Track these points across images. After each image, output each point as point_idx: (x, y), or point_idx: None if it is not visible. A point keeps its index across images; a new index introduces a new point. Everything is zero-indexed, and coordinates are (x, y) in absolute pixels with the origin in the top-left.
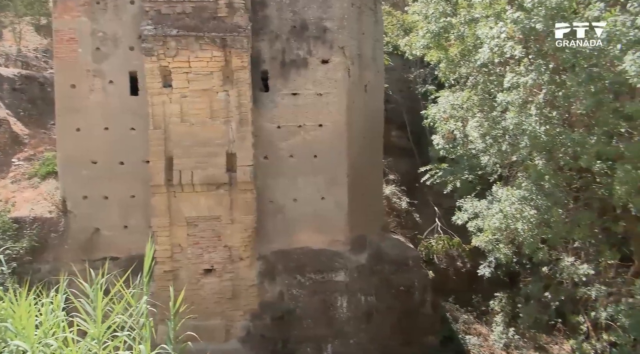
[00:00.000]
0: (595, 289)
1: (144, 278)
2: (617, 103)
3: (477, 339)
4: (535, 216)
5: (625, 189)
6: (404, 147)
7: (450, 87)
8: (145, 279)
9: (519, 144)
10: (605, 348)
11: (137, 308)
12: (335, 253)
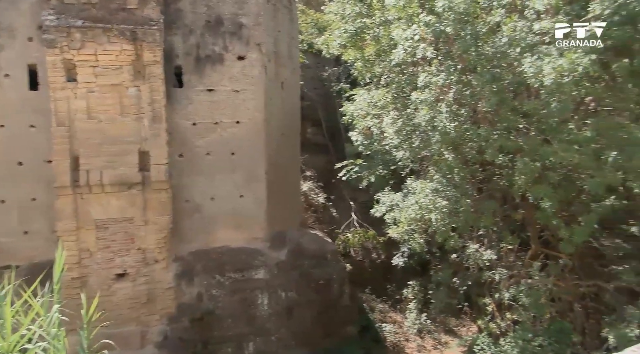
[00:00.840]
0: (498, 272)
1: (54, 285)
2: (516, 101)
3: (393, 326)
4: (446, 206)
5: (523, 180)
6: (319, 143)
7: (365, 85)
8: (56, 287)
9: (431, 139)
10: (509, 326)
11: (47, 318)
12: (255, 251)
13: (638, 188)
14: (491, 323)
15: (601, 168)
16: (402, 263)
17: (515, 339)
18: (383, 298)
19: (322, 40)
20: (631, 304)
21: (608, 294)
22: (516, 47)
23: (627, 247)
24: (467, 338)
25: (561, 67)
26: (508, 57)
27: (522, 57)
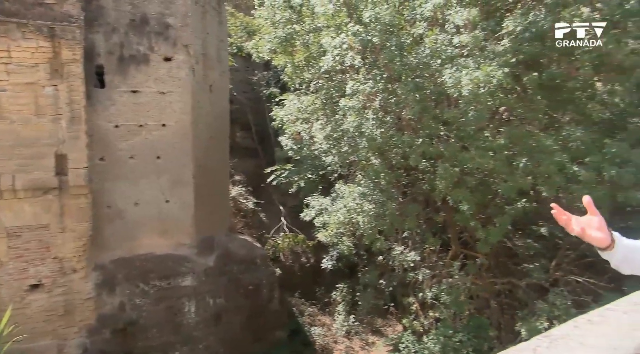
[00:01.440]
0: (422, 273)
1: None
2: (437, 110)
3: (322, 329)
4: (373, 210)
5: (444, 184)
6: (249, 147)
7: (295, 90)
8: None
9: (358, 145)
10: (431, 324)
11: None
12: (181, 257)
13: (546, 192)
14: (415, 321)
15: (513, 173)
16: (331, 266)
17: (437, 336)
18: (312, 302)
19: (251, 44)
20: (541, 299)
21: (520, 291)
22: (437, 58)
23: (537, 247)
24: (392, 336)
25: (477, 79)
26: (430, 68)
27: (442, 69)
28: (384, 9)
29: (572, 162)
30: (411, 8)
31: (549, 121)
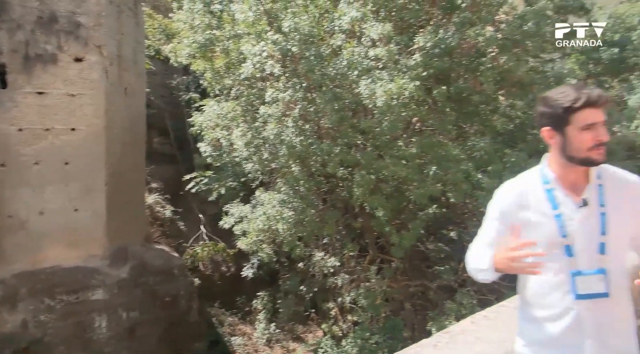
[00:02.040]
0: (341, 278)
1: None
2: (355, 119)
3: (242, 339)
4: (293, 217)
5: (361, 191)
6: (167, 154)
7: (215, 96)
8: None
9: (279, 152)
10: (350, 328)
11: None
12: (92, 269)
13: (454, 198)
14: (334, 326)
15: (424, 181)
16: (252, 275)
17: (355, 339)
18: (233, 311)
19: (169, 48)
20: (449, 299)
21: (432, 292)
22: (354, 70)
23: (447, 250)
24: (311, 342)
25: (391, 91)
26: (347, 79)
27: (359, 80)
28: (303, 20)
29: (477, 171)
30: (330, 20)
31: (457, 132)
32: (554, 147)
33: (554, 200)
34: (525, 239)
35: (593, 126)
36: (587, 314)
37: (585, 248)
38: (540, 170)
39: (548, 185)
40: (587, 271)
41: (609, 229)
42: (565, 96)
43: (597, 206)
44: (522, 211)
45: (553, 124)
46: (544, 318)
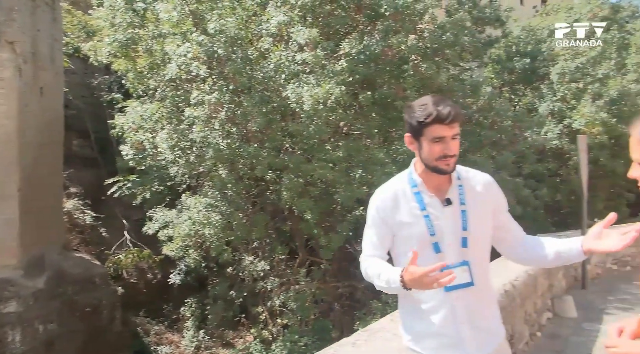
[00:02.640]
0: (270, 281)
1: None
2: (283, 123)
3: (169, 347)
4: (220, 221)
5: (289, 194)
6: (87, 157)
7: (139, 97)
8: None
9: (205, 155)
10: (279, 331)
11: None
12: (4, 280)
13: None
14: (264, 330)
15: (351, 183)
16: (179, 281)
17: (284, 342)
18: (160, 319)
19: (89, 46)
20: (376, 299)
21: (359, 292)
22: (281, 73)
23: None
24: (240, 347)
25: (317, 95)
26: (275, 83)
27: (286, 83)
28: (229, 22)
29: None
30: (258, 23)
31: (383, 136)
32: (415, 153)
33: (422, 201)
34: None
35: (442, 140)
36: (459, 303)
37: (450, 243)
38: (409, 174)
39: (416, 188)
40: (453, 265)
41: (469, 225)
42: (421, 110)
43: (458, 205)
44: (396, 214)
45: (412, 132)
46: (423, 311)
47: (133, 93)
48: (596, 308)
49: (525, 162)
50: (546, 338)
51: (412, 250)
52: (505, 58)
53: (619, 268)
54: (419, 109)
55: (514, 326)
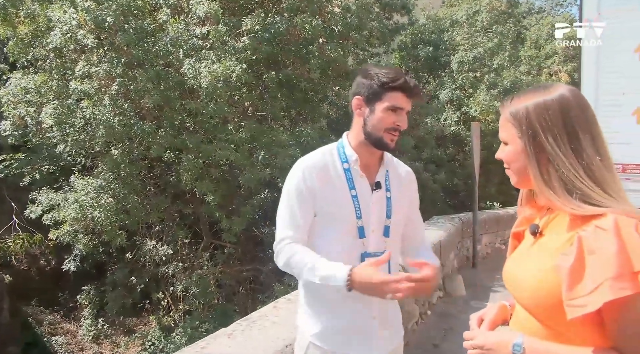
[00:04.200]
0: (173, 266)
1: None
2: (182, 101)
3: (65, 337)
4: (112, 204)
5: (189, 176)
6: None
7: (23, 68)
8: None
9: (95, 133)
10: (181, 317)
11: None
12: None
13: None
14: (167, 316)
15: (254, 165)
16: (75, 268)
17: (184, 328)
18: (54, 308)
19: None
20: (278, 282)
21: (263, 275)
22: (179, 48)
23: None
24: (137, 335)
25: (216, 73)
26: (172, 57)
27: (184, 59)
28: None
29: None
30: None
31: (287, 118)
32: (356, 121)
33: (351, 180)
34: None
35: (398, 111)
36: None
37: (374, 230)
38: (339, 148)
39: (347, 164)
40: (374, 253)
41: (392, 213)
42: (386, 73)
43: (384, 191)
44: (325, 187)
45: (366, 95)
46: (334, 305)
47: (17, 63)
48: (484, 286)
49: (425, 147)
50: (436, 316)
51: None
52: (411, 45)
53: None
54: (384, 71)
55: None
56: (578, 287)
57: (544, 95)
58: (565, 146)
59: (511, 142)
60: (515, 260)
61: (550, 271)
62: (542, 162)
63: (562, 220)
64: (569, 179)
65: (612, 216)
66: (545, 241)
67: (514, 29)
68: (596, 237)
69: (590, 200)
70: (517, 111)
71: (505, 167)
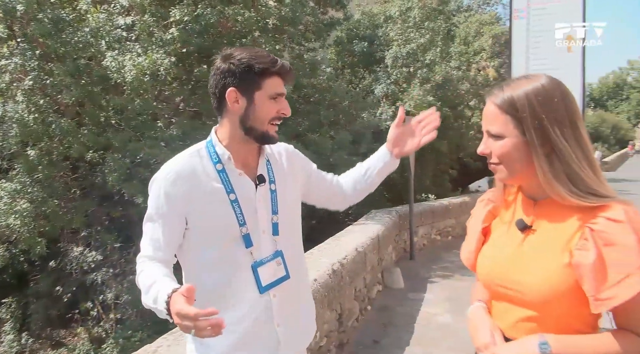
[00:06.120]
0: (102, 273)
1: None
2: (106, 96)
3: None
4: (30, 209)
5: (115, 176)
6: None
7: None
8: None
9: (8, 132)
10: (112, 327)
11: None
12: None
13: None
14: (96, 327)
15: None
16: None
17: (115, 339)
18: None
19: None
20: None
21: None
22: (101, 39)
23: None
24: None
25: (141, 66)
26: (93, 49)
27: (107, 51)
28: None
29: None
30: None
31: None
32: (231, 115)
33: (228, 182)
34: None
35: (280, 98)
36: (275, 302)
37: (264, 231)
38: (208, 147)
39: (220, 165)
40: (266, 259)
41: (279, 208)
42: (260, 56)
43: (268, 184)
44: (193, 199)
45: (241, 85)
46: (230, 321)
47: None
48: (422, 278)
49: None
50: (375, 311)
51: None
52: (347, 41)
53: (442, 238)
54: (256, 55)
55: (343, 304)
56: (604, 281)
57: (538, 83)
58: (570, 136)
59: (508, 134)
60: (508, 260)
61: (563, 267)
62: (548, 154)
63: (557, 214)
64: (572, 171)
65: (620, 206)
66: (541, 238)
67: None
68: (612, 230)
69: (594, 191)
70: (515, 100)
71: (494, 162)
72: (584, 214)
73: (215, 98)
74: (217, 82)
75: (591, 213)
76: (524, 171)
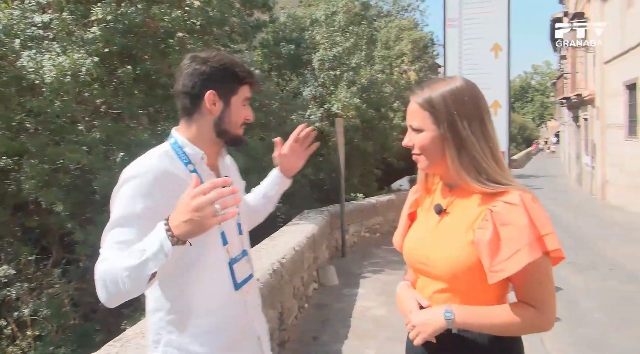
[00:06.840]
0: (17, 288)
1: None
2: (20, 98)
3: None
4: None
5: (33, 183)
6: None
7: None
8: None
9: None
10: (30, 345)
11: None
12: None
13: None
14: (11, 346)
15: (110, 168)
16: None
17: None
18: None
19: None
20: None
21: None
22: (15, 37)
23: None
24: None
25: (62, 66)
26: (5, 48)
27: (21, 50)
28: None
29: None
30: None
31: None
32: (204, 117)
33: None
34: None
35: (247, 104)
36: (248, 299)
37: (232, 231)
38: (176, 149)
39: (191, 165)
40: (238, 257)
41: (240, 209)
42: (238, 64)
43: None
44: (171, 201)
45: (221, 89)
46: (210, 322)
47: None
48: (354, 274)
49: None
50: (313, 308)
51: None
52: (273, 43)
53: (371, 235)
54: (235, 62)
55: (283, 303)
56: (497, 255)
57: (453, 84)
58: (477, 131)
59: (426, 128)
60: (423, 239)
61: (467, 244)
62: (458, 146)
63: (466, 199)
64: (477, 161)
65: (517, 192)
66: (452, 219)
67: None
68: (508, 212)
69: (495, 179)
70: (432, 99)
71: (416, 153)
72: (487, 198)
73: (189, 98)
74: (193, 83)
75: (493, 198)
76: (440, 160)
